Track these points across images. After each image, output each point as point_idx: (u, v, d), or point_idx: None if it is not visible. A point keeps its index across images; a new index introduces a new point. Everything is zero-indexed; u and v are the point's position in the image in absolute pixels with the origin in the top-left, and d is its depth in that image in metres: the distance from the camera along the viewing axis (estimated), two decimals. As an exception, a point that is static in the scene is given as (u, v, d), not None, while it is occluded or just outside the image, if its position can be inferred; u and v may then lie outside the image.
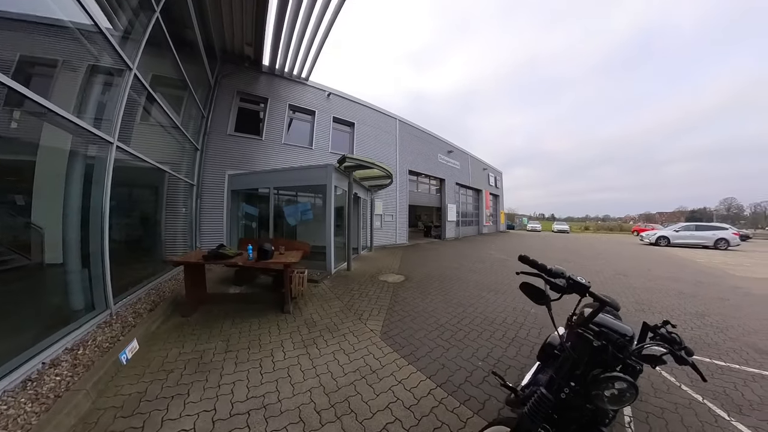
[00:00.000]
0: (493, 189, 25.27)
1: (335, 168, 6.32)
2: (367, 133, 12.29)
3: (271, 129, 9.18)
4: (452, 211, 17.14)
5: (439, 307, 4.30)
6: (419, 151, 15.31)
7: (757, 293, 5.45)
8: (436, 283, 5.73)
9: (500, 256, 9.94)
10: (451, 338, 3.28)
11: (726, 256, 11.53)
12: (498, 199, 26.95)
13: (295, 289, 4.23)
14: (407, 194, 13.76)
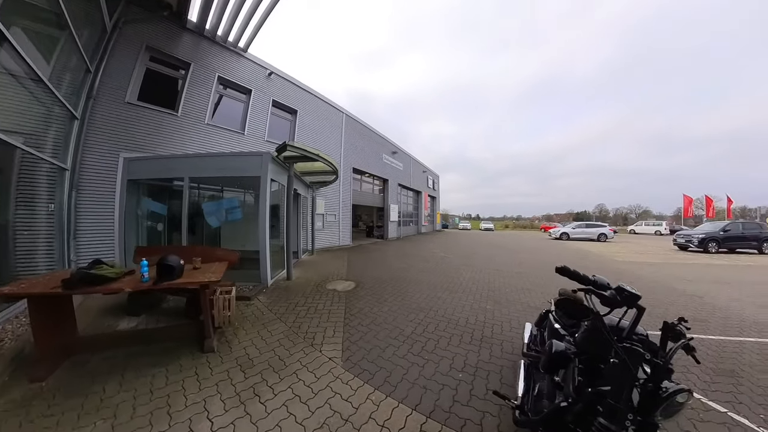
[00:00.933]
0: (431, 191, 26.55)
1: (273, 158, 5.33)
2: (311, 124, 11.18)
3: (191, 103, 7.27)
4: (394, 211, 17.26)
5: (399, 314, 3.90)
6: (365, 150, 14.85)
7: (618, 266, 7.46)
8: (389, 287, 5.33)
9: (443, 254, 10.21)
10: (422, 351, 2.91)
11: (606, 246, 15.35)
12: (435, 200, 28.47)
13: (220, 316, 3.14)
14: (351, 193, 13.16)
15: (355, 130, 14.15)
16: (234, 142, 8.27)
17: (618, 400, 1.12)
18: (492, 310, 4.26)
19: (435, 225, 28.45)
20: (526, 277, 6.83)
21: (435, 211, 28.46)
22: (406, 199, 21.33)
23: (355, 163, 13.65)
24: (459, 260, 8.99)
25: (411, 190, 21.98)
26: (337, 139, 12.57)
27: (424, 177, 24.75)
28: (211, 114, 7.81)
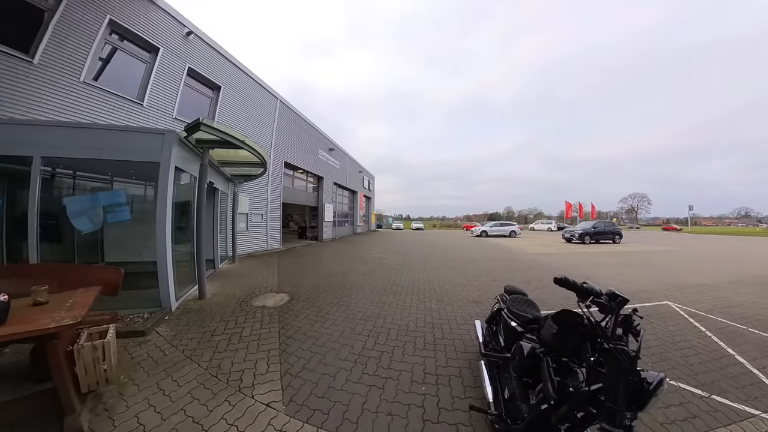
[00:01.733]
0: (367, 191, 26.51)
1: (180, 139, 4.11)
2: (237, 105, 9.44)
3: (62, 50, 5.08)
4: (329, 211, 16.47)
5: (345, 328, 3.41)
6: (300, 143, 13.60)
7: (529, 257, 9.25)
8: (330, 295, 4.75)
9: (381, 255, 10.05)
10: (377, 369, 2.53)
11: (516, 241, 18.39)
12: (370, 200, 28.56)
13: (89, 375, 2.02)
14: (281, 190, 11.79)
15: (291, 121, 12.83)
16: (126, 113, 6.14)
17: (615, 401, 1.12)
18: (437, 309, 4.29)
19: (370, 225, 28.55)
20: (460, 272, 7.19)
21: (370, 212, 28.56)
22: (342, 198, 20.70)
23: (287, 157, 12.31)
24: (397, 260, 8.94)
25: (347, 189, 21.44)
26: (268, 128, 11.09)
27: (360, 177, 24.48)
28: (95, 72, 5.69)
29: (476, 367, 2.64)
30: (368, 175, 27.50)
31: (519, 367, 1.69)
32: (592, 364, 1.25)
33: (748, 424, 1.91)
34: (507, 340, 2.18)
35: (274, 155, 11.13)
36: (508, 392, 1.78)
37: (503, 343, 2.25)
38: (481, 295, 5.21)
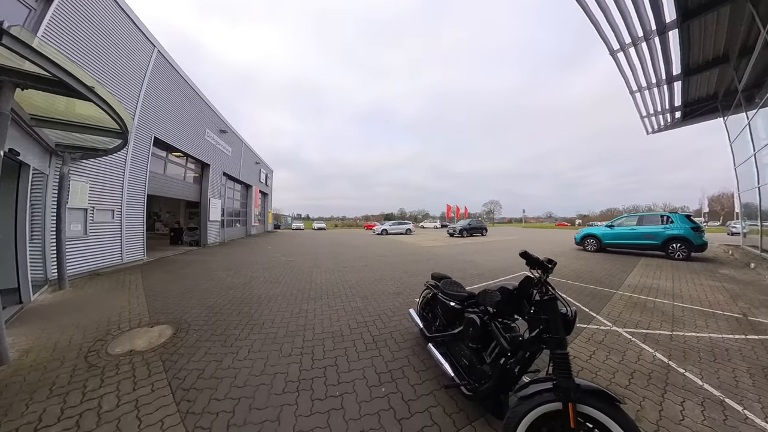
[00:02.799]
0: (264, 186, 23.70)
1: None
2: (85, 33, 6.25)
3: None
4: (217, 208, 13.79)
5: (269, 353, 2.79)
6: (181, 116, 10.61)
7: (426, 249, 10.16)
8: (234, 316, 3.81)
9: (287, 258, 9.18)
10: (328, 389, 2.22)
11: (412, 238, 20.40)
12: (267, 197, 25.71)
13: None
14: (146, 177, 8.73)
15: (171, 83, 9.83)
16: None
17: (558, 332, 1.45)
18: (363, 306, 4.22)
19: (267, 225, 25.72)
20: (373, 268, 7.36)
21: (267, 210, 25.74)
22: (233, 193, 17.76)
23: (160, 131, 9.28)
24: (306, 262, 8.35)
25: (240, 182, 18.54)
26: (134, 84, 7.99)
27: (257, 169, 21.65)
28: None
29: (420, 352, 2.78)
30: (266, 169, 24.68)
31: (474, 336, 1.99)
32: (532, 315, 1.63)
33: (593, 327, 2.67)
34: (447, 319, 2.48)
35: (138, 124, 8.17)
36: (466, 361, 2.07)
37: (445, 322, 2.51)
38: (399, 286, 5.45)
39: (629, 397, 2.20)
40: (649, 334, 3.35)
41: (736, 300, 4.77)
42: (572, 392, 1.33)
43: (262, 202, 24.49)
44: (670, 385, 2.35)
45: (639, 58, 8.11)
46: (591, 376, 2.47)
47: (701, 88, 10.52)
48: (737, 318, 3.92)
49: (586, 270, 7.29)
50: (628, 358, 2.79)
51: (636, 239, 10.19)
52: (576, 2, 6.20)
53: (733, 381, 2.41)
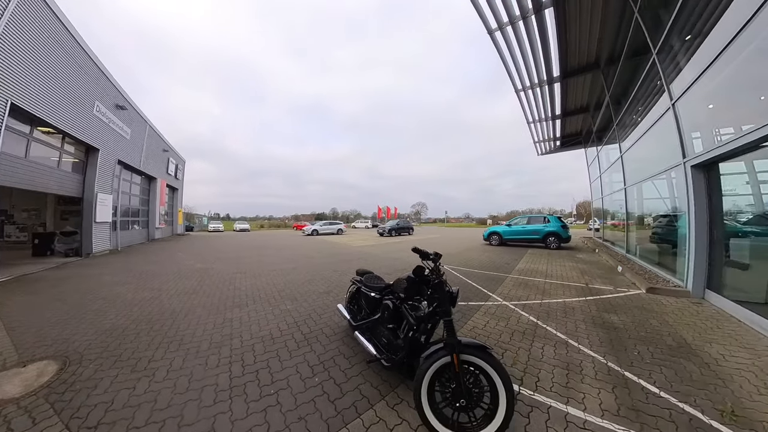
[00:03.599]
0: (173, 179, 20.30)
1: None
2: None
3: None
4: (107, 206, 11.26)
5: (193, 368, 2.58)
6: (58, 79, 8.15)
7: (356, 249, 11.07)
8: (143, 336, 3.26)
9: (204, 266, 8.26)
10: (262, 390, 2.26)
11: (343, 238, 20.48)
12: (176, 193, 22.10)
13: None
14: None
15: (42, 29, 7.45)
16: None
17: (446, 305, 1.92)
18: (293, 308, 4.23)
19: (176, 227, 22.10)
20: (302, 270, 7.29)
21: (176, 208, 22.15)
22: (132, 187, 14.75)
23: (23, 97, 6.97)
24: (228, 268, 7.67)
25: (141, 173, 15.48)
26: None
27: (164, 158, 18.44)
28: None
29: (350, 342, 3.06)
30: (177, 158, 21.15)
31: (389, 318, 2.43)
32: (429, 296, 2.12)
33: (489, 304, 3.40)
34: (370, 308, 2.88)
35: None
36: (385, 340, 2.47)
37: (368, 311, 2.90)
38: (329, 286, 5.59)
39: (510, 348, 2.92)
40: (527, 304, 4.39)
41: (583, 274, 6.54)
42: (456, 346, 1.79)
43: (171, 198, 20.99)
44: (536, 336, 3.20)
45: (534, 98, 10.72)
46: (485, 337, 3.16)
47: (572, 126, 14.42)
48: (582, 287, 5.42)
49: (489, 260, 8.78)
50: (511, 322, 3.64)
51: (526, 235, 12.74)
52: (495, 48, 7.81)
53: (574, 328, 3.43)
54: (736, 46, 3.64)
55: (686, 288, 4.79)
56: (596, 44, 7.95)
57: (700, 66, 4.40)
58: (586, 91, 10.60)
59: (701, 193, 4.62)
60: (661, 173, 6.15)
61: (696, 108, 4.83)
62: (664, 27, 5.35)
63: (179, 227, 22.61)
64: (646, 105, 7.01)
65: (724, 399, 2.13)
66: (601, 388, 2.26)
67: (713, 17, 4.03)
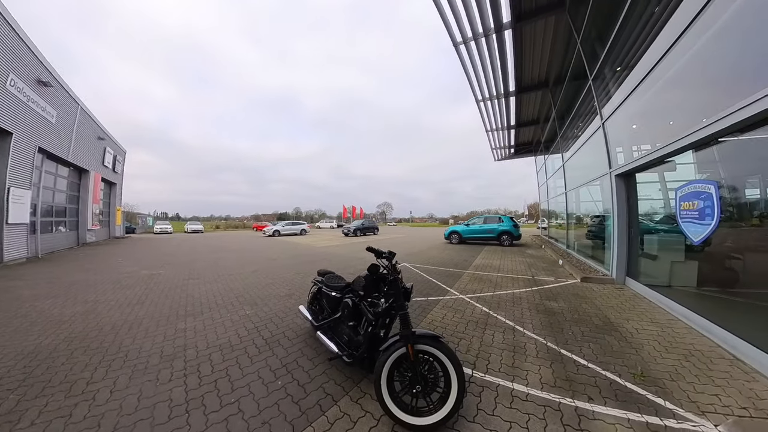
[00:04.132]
0: (110, 173, 17.90)
1: None
2: None
3: None
4: (23, 203, 9.59)
5: (142, 384, 2.36)
6: None
7: (321, 250, 11.35)
8: (78, 356, 2.93)
9: (150, 272, 7.53)
10: (222, 399, 2.17)
11: (307, 238, 20.30)
12: (115, 189, 19.55)
13: None
14: None
15: None
16: None
17: (401, 300, 2.08)
18: (253, 313, 4.09)
19: (114, 228, 19.54)
20: (263, 273, 7.03)
21: (113, 207, 19.59)
22: (57, 181, 12.70)
23: None
24: (179, 274, 7.06)
25: (69, 165, 13.39)
26: None
27: (99, 147, 16.20)
28: None
29: (312, 343, 3.06)
30: (115, 147, 18.63)
31: (349, 315, 2.50)
32: (386, 292, 2.21)
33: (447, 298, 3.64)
34: (331, 307, 2.91)
35: None
36: (346, 338, 2.53)
37: (330, 311, 2.93)
38: (291, 288, 5.47)
39: (465, 336, 3.18)
40: (481, 296, 4.77)
41: (530, 268, 7.24)
42: (410, 338, 1.93)
43: (107, 195, 18.57)
44: (488, 325, 3.52)
45: (493, 109, 11.62)
46: (443, 329, 3.39)
47: (525, 136, 16.11)
48: (529, 279, 6.02)
49: (449, 258, 9.28)
50: (467, 314, 3.94)
51: (483, 233, 13.70)
52: (459, 61, 8.46)
53: (521, 315, 3.84)
54: (651, 78, 4.34)
55: (612, 276, 5.60)
56: (546, 66, 8.93)
57: (625, 93, 5.16)
58: (537, 106, 11.81)
59: (622, 197, 5.45)
60: (593, 180, 7.05)
61: (620, 128, 5.67)
62: (599, 58, 6.17)
63: (118, 229, 20.04)
64: (584, 122, 8.00)
65: (636, 364, 2.58)
66: (541, 365, 2.60)
67: (638, 53, 4.74)
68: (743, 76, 2.78)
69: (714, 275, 3.51)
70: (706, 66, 3.33)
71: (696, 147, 3.52)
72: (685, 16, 3.45)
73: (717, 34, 3.03)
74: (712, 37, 3.09)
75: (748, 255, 3.07)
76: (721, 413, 1.96)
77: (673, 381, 2.34)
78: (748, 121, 2.59)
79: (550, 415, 1.97)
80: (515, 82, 9.68)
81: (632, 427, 1.85)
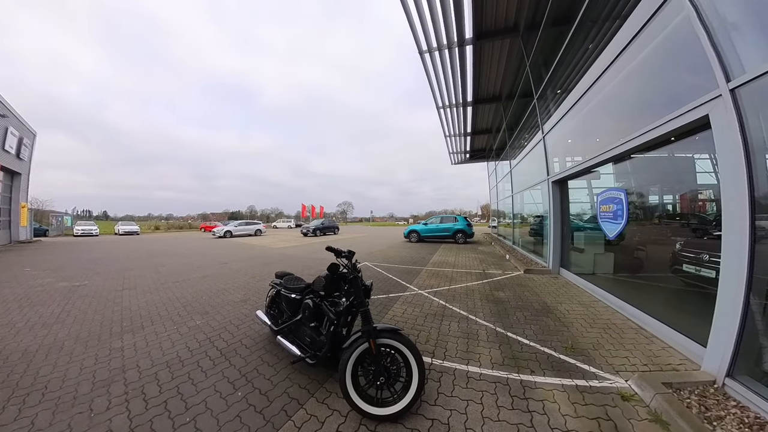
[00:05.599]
0: (12, 160, 14.64)
1: None
2: None
3: None
4: None
5: (73, 416, 2.03)
6: None
7: (278, 251, 11.04)
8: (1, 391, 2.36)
9: (71, 284, 6.40)
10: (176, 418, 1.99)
11: (262, 239, 19.23)
12: (19, 179, 16.04)
13: None
14: None
15: None
16: None
17: (362, 298, 2.15)
18: (204, 323, 3.77)
19: (18, 230, 16.04)
20: (213, 279, 6.51)
21: (17, 202, 16.13)
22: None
23: None
24: (108, 284, 6.10)
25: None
26: None
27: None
28: None
29: (273, 348, 2.97)
30: (21, 128, 15.26)
31: (310, 316, 2.47)
32: (346, 291, 2.25)
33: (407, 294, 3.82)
34: (291, 310, 2.83)
35: None
36: (309, 339, 2.51)
37: (290, 313, 2.84)
38: (246, 293, 5.18)
39: (423, 328, 3.41)
40: (438, 290, 5.11)
41: (482, 263, 7.90)
42: (372, 333, 2.02)
43: (8, 188, 15.24)
44: (445, 317, 3.81)
45: (452, 116, 12.48)
46: (403, 323, 3.57)
47: (479, 143, 17.53)
48: (480, 272, 6.58)
49: (408, 255, 9.68)
50: (425, 307, 4.21)
51: (440, 232, 14.55)
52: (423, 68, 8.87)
53: (473, 306, 4.23)
54: (583, 101, 5.04)
55: (549, 267, 6.43)
56: (500, 82, 9.90)
57: (562, 112, 5.91)
58: (491, 116, 12.93)
59: (557, 200, 6.30)
60: (535, 185, 7.94)
61: (558, 141, 6.49)
62: (543, 80, 6.98)
63: (23, 231, 16.59)
64: (529, 134, 8.96)
65: (567, 339, 3.06)
66: (491, 348, 2.94)
67: (575, 79, 5.43)
68: (649, 106, 3.46)
69: (625, 263, 4.25)
70: (624, 97, 4.06)
71: (615, 160, 4.24)
72: (608, 55, 4.12)
73: (630, 74, 3.76)
74: (627, 74, 3.80)
75: (650, 247, 3.85)
76: (630, 371, 2.49)
77: (595, 350, 2.84)
78: (651, 142, 3.25)
79: (500, 389, 2.25)
80: (473, 93, 10.49)
81: (565, 390, 2.23)
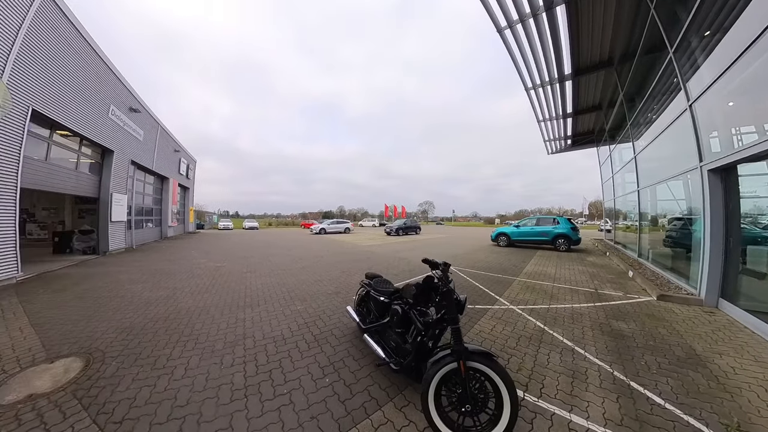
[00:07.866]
0: (184, 179, 20.75)
1: None
2: None
3: None
4: (122, 205, 11.64)
5: (209, 367, 2.70)
6: (74, 84, 8.42)
7: (364, 248, 10.69)
8: (161, 335, 3.40)
9: (216, 264, 8.48)
10: (276, 389, 2.33)
11: (351, 237, 20.78)
12: (188, 192, 22.59)
13: None
14: (20, 164, 6.75)
15: (59, 36, 7.65)
16: None
17: (454, 313, 1.98)
18: (303, 309, 4.30)
19: (187, 225, 22.63)
20: (311, 270, 7.38)
21: (187, 207, 22.67)
22: (145, 187, 15.16)
23: (40, 102, 7.17)
24: (238, 267, 7.84)
25: (153, 174, 15.88)
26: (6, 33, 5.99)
27: (176, 159, 18.84)
28: None
29: (359, 344, 3.11)
30: (188, 158, 21.61)
31: (398, 322, 2.47)
32: (437, 303, 2.16)
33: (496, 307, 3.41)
34: (379, 312, 2.90)
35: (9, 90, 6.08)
36: (393, 344, 2.51)
37: (377, 315, 2.92)
38: (338, 287, 5.67)
39: (516, 353, 2.93)
40: (534, 308, 4.36)
41: (593, 279, 6.43)
42: (462, 353, 1.86)
43: (182, 197, 21.49)
44: (543, 342, 3.19)
45: (545, 96, 10.53)
46: (491, 343, 3.17)
47: (584, 125, 14.08)
48: (591, 292, 5.34)
49: (496, 262, 8.72)
50: (518, 327, 3.63)
51: (535, 236, 12.55)
52: (505, 47, 7.75)
53: (581, 335, 3.40)
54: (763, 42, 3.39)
55: (699, 296, 4.68)
56: (609, 42, 7.77)
57: (720, 64, 4.21)
58: (599, 89, 10.37)
59: (717, 197, 4.50)
60: (676, 176, 6.00)
61: (715, 109, 4.65)
62: (682, 23, 5.18)
63: (190, 225, 23.19)
64: (661, 104, 6.84)
65: (731, 413, 2.07)
66: (606, 397, 2.25)
67: (735, 11, 3.85)
68: None
69: None
70: None
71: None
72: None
73: None
74: None
75: None
76: None
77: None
78: None
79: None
80: (571, 65, 8.57)
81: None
